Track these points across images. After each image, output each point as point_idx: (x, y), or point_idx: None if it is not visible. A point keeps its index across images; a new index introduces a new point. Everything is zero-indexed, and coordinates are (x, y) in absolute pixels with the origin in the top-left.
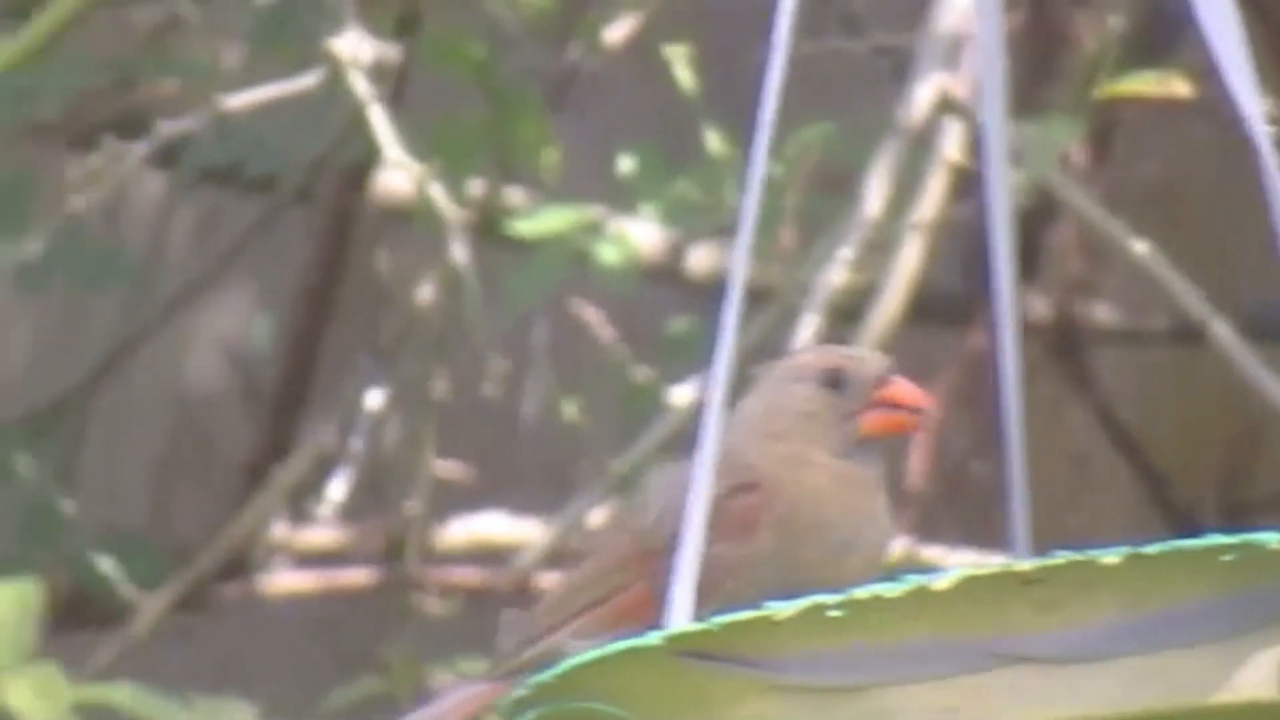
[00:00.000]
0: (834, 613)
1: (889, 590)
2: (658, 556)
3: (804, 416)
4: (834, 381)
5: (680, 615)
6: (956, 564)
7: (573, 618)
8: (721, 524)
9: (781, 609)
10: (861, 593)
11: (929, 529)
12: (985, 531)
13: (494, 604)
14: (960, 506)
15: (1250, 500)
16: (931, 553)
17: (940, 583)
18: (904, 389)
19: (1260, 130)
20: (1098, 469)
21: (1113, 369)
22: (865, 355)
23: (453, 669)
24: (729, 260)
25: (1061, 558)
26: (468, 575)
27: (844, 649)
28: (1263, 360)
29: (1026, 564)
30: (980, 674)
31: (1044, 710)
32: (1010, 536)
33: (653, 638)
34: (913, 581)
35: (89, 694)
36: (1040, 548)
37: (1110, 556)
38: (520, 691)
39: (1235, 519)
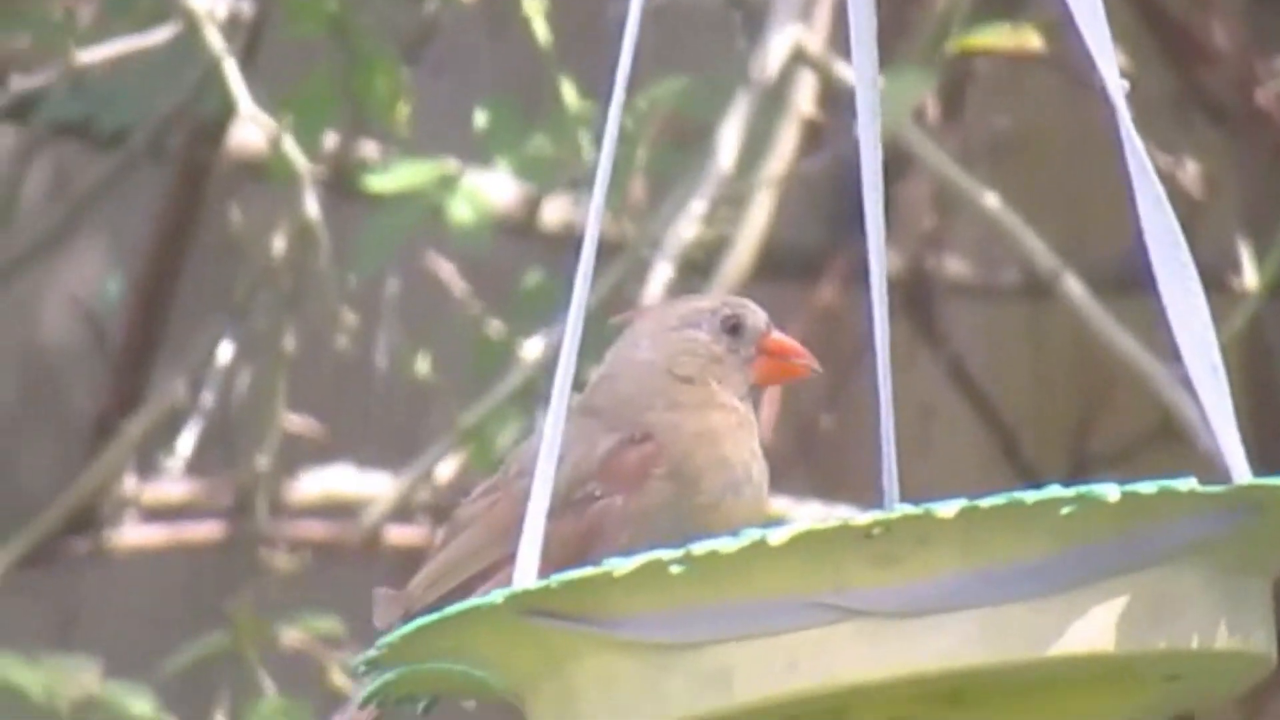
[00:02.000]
0: (673, 569)
1: (726, 545)
2: (549, 516)
3: (714, 360)
4: (733, 328)
5: (524, 574)
6: (804, 516)
7: (456, 593)
8: (614, 476)
9: (621, 565)
10: (699, 548)
11: (778, 482)
12: (834, 484)
13: (343, 559)
14: (810, 459)
15: (1099, 455)
16: (779, 504)
17: (777, 537)
18: (788, 341)
19: (1115, 87)
20: (946, 421)
21: (964, 322)
22: (751, 305)
23: (300, 624)
24: (582, 214)
25: (898, 511)
26: (316, 530)
27: (683, 605)
28: (1113, 314)
29: (863, 518)
30: (819, 628)
31: (883, 664)
32: (881, 488)
33: (494, 597)
34: (750, 536)
35: None
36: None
37: (946, 510)
38: (370, 653)
39: (1083, 473)
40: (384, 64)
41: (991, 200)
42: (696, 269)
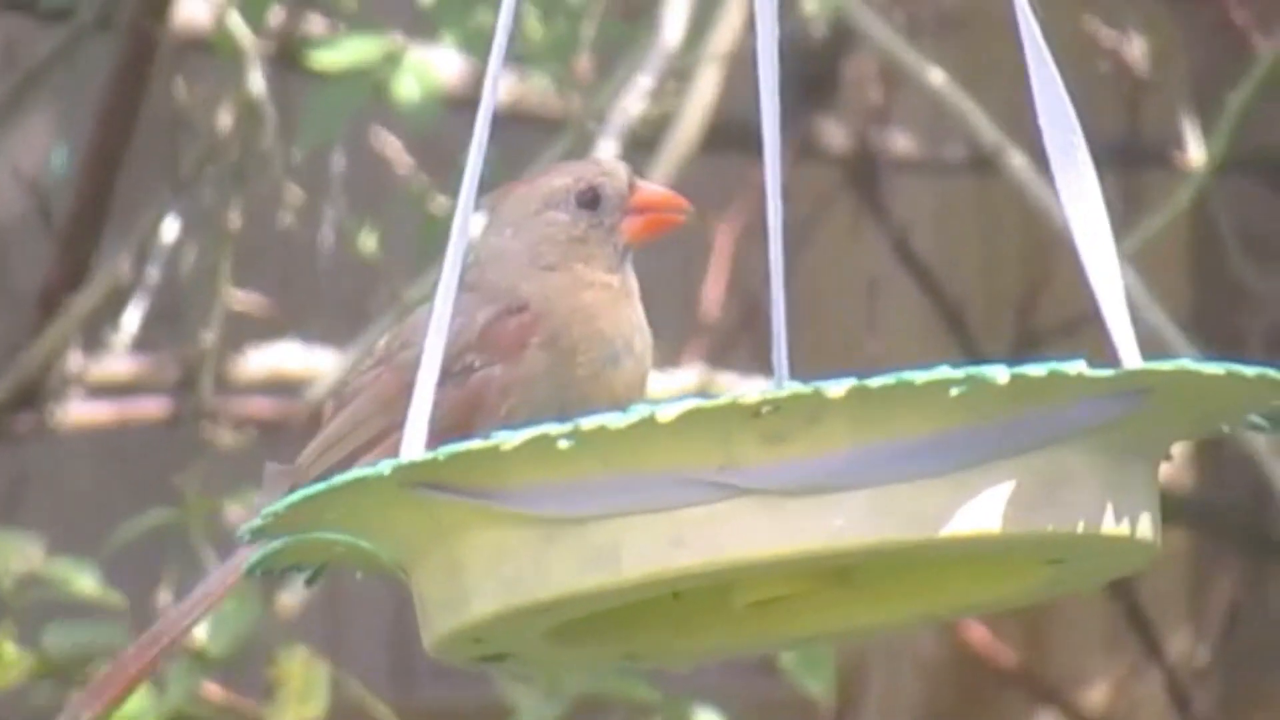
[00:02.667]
0: (561, 443)
1: (615, 421)
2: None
3: (573, 243)
4: (591, 201)
5: (411, 446)
6: (748, 391)
7: (342, 464)
8: (493, 346)
9: (509, 438)
10: (588, 423)
11: (724, 357)
12: None
13: (288, 435)
14: (756, 335)
15: (1043, 330)
16: (724, 380)
17: (667, 414)
18: (654, 192)
19: None
20: (892, 296)
21: (910, 197)
22: (609, 166)
23: (245, 501)
24: (528, 90)
25: (788, 389)
26: (262, 406)
27: (571, 479)
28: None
29: (752, 396)
30: (707, 505)
31: (771, 542)
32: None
33: (382, 468)
34: (639, 412)
35: None
36: (833, 375)
37: (836, 388)
38: (255, 523)
39: (1027, 349)
40: None
41: (936, 75)
42: (642, 144)
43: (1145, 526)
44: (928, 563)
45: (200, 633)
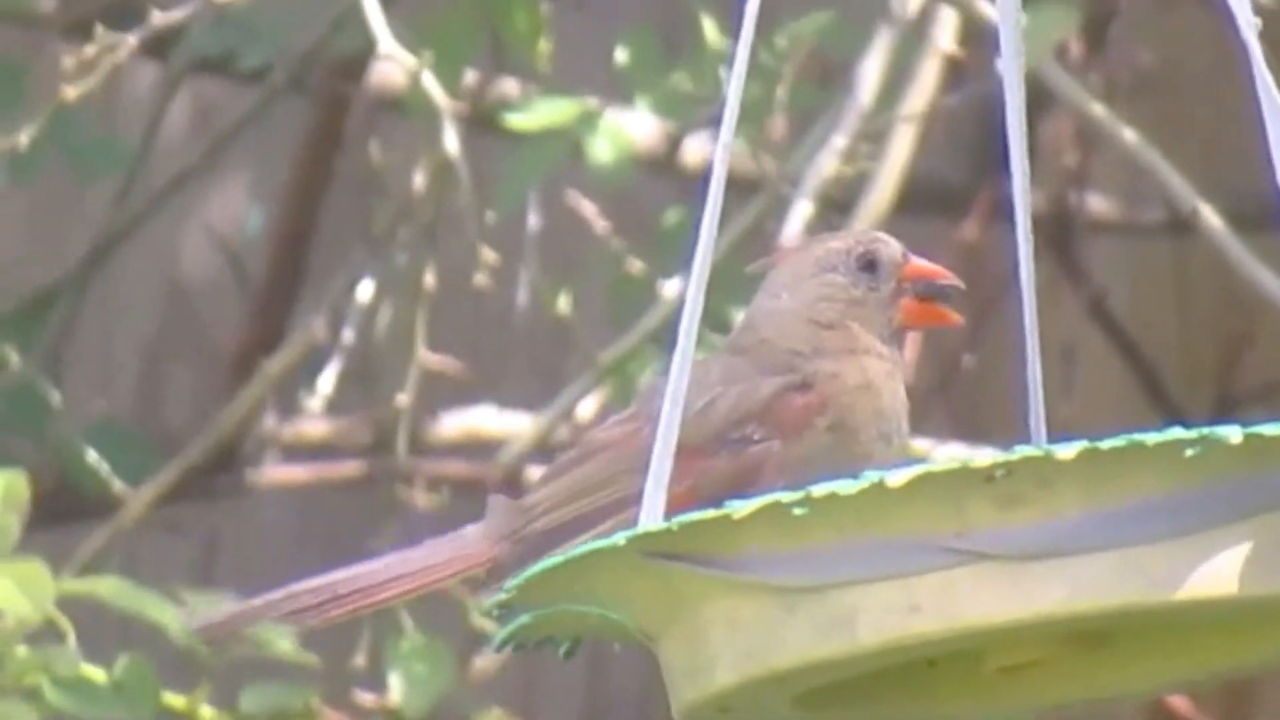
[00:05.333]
0: (795, 510)
1: (846, 488)
2: (703, 453)
3: (853, 303)
4: (869, 265)
5: (649, 515)
6: (944, 457)
7: (587, 519)
8: (776, 422)
9: (741, 508)
10: (819, 490)
11: (920, 421)
12: (975, 424)
13: (482, 496)
14: (951, 398)
15: (1244, 392)
16: (921, 445)
17: (896, 479)
18: (927, 265)
19: (1248, 23)
20: (1089, 360)
21: (1106, 260)
22: (884, 237)
23: None
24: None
25: (1019, 453)
26: (456, 467)
27: (805, 548)
28: (1254, 250)
29: (985, 460)
30: (942, 571)
31: (1006, 607)
32: (1025, 427)
33: (618, 539)
34: (869, 478)
35: (74, 587)
36: (1029, 439)
37: (1067, 451)
38: (500, 596)
39: (1228, 412)
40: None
41: (1130, 136)
42: (836, 206)
43: None
44: (1177, 626)
45: (395, 694)
